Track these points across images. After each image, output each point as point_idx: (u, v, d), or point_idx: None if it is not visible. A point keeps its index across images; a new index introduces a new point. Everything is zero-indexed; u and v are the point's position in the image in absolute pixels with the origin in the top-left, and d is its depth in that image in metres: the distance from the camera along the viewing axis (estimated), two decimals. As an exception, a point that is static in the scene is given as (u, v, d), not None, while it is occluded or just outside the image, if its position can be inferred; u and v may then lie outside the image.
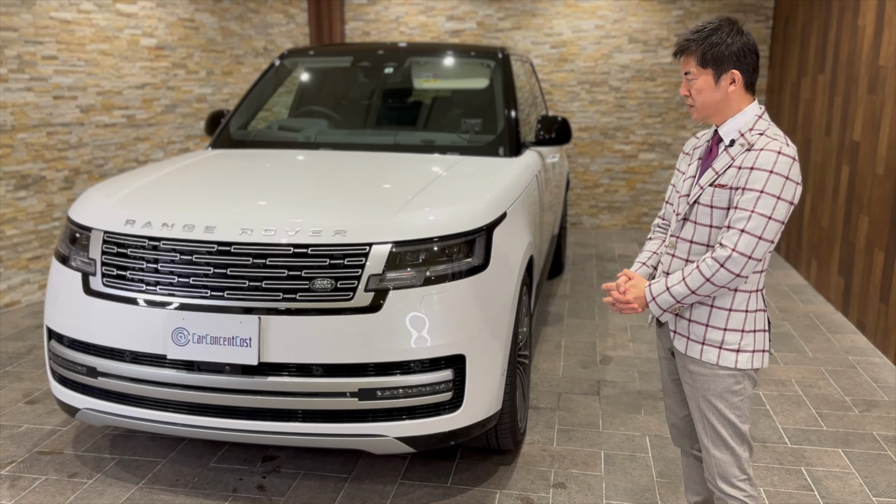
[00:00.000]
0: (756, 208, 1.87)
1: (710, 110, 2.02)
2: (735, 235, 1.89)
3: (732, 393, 2.05)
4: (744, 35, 1.98)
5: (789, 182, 1.87)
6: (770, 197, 1.86)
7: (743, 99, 1.99)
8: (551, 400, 3.68)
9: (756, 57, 1.99)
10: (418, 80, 4.49)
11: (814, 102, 5.76)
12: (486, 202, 2.88)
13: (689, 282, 1.95)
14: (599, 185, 7.74)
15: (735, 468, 2.07)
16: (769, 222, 1.87)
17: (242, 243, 2.58)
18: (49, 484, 2.92)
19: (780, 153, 1.88)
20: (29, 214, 5.06)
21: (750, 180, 1.89)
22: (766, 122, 1.98)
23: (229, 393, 2.57)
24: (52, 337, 2.88)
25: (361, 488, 2.90)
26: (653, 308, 2.04)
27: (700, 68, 1.99)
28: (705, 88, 1.99)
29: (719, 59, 1.96)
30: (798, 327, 4.73)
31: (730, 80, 1.97)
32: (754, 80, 2.01)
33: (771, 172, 1.86)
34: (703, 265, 1.93)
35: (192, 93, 6.33)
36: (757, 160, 1.89)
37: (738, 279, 1.90)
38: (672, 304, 2.00)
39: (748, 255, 1.88)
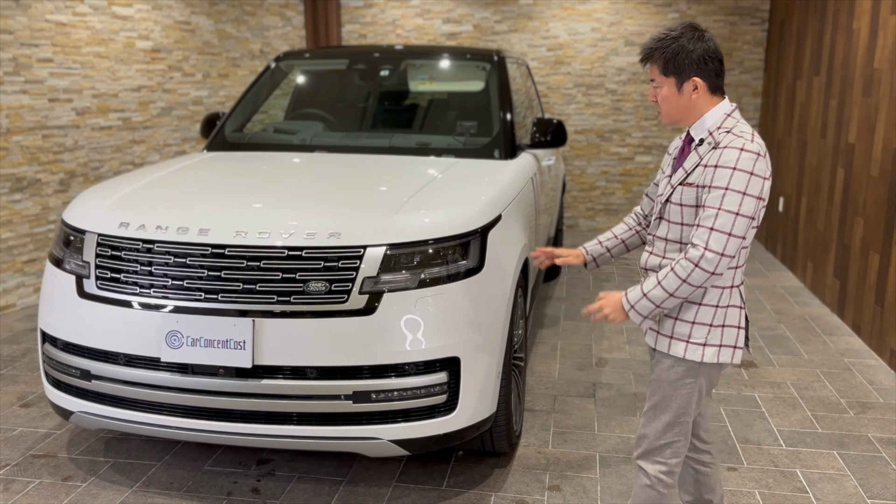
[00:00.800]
0: (722, 205, 1.89)
1: (676, 116, 2.06)
2: (705, 233, 1.91)
3: (684, 385, 2.07)
4: (705, 41, 1.99)
5: (754, 177, 1.89)
6: (735, 193, 1.88)
7: (709, 102, 2.02)
8: (547, 402, 3.68)
9: (719, 62, 2.01)
10: (414, 82, 4.49)
11: (809, 105, 5.78)
12: (480, 204, 2.88)
13: (666, 284, 1.96)
14: (596, 188, 7.75)
15: (659, 452, 2.11)
16: (737, 218, 1.89)
17: (236, 246, 2.58)
18: (43, 487, 2.91)
19: (742, 150, 1.90)
20: (24, 217, 5.06)
21: (715, 178, 1.91)
22: (735, 120, 2.00)
23: (223, 396, 2.57)
24: (46, 340, 2.87)
25: (356, 491, 2.89)
26: (633, 316, 2.04)
27: (663, 77, 2.03)
28: (670, 96, 2.03)
29: (680, 67, 1.99)
30: (793, 329, 4.74)
31: (692, 87, 2.00)
32: (719, 83, 2.03)
33: (734, 169, 1.89)
34: (677, 267, 1.94)
35: (188, 95, 6.33)
36: (721, 158, 1.92)
37: (713, 277, 1.92)
38: (651, 308, 2.00)
39: (720, 252, 1.89)
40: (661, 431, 2.11)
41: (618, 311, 2.06)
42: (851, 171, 4.81)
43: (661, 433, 2.11)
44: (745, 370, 4.09)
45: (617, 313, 2.06)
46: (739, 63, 7.32)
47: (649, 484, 2.13)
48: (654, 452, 2.13)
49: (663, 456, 2.12)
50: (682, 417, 2.10)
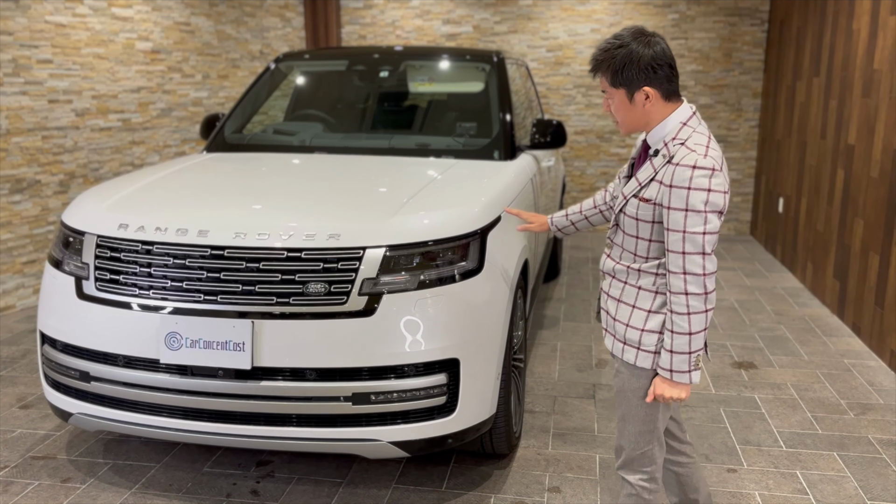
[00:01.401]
0: (687, 227, 1.85)
1: (632, 126, 2.00)
2: (679, 259, 1.87)
3: (645, 393, 2.04)
4: (652, 47, 1.92)
5: (712, 193, 1.84)
6: (696, 213, 1.84)
7: (664, 109, 1.95)
8: (546, 404, 3.68)
9: (669, 67, 1.93)
10: (413, 83, 4.49)
11: (809, 106, 5.78)
12: (480, 206, 2.88)
13: (679, 329, 1.90)
14: (596, 189, 7.74)
15: (636, 461, 2.10)
16: (705, 237, 1.85)
17: (236, 247, 2.58)
18: (42, 489, 2.91)
19: (695, 167, 1.84)
20: (24, 218, 5.05)
21: (672, 199, 1.86)
22: (690, 129, 1.93)
23: (223, 397, 2.56)
24: (46, 341, 2.87)
25: (356, 493, 2.89)
26: (682, 378, 1.92)
27: (613, 88, 1.96)
28: (622, 107, 1.97)
29: (628, 78, 1.92)
30: (793, 330, 4.73)
31: (643, 96, 1.93)
32: (673, 88, 1.95)
33: (689, 189, 1.84)
34: (674, 306, 1.90)
35: (187, 96, 6.32)
36: (674, 177, 1.86)
37: (710, 296, 1.88)
38: (687, 358, 1.91)
39: (701, 273, 1.86)
40: (634, 441, 2.09)
41: (670, 387, 1.95)
42: (851, 172, 4.80)
43: (635, 443, 2.09)
44: (744, 371, 4.09)
45: (672, 389, 1.95)
46: (739, 64, 7.32)
47: (634, 493, 2.12)
48: (633, 462, 2.11)
49: (641, 465, 2.10)
50: (650, 425, 2.07)
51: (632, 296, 2.03)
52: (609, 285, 2.11)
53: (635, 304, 2.02)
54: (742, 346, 4.48)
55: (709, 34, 7.31)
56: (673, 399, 1.95)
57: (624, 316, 2.04)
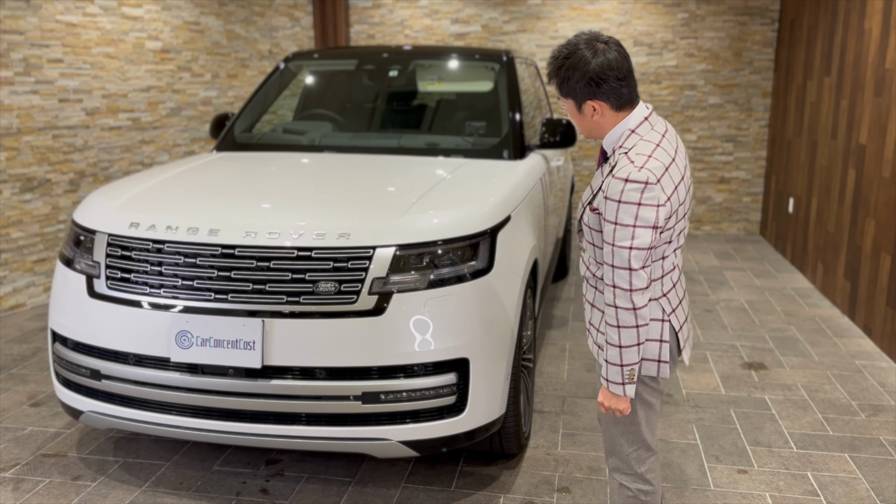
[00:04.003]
0: (615, 241, 1.81)
1: (587, 133, 1.97)
2: (609, 272, 1.84)
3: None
4: (600, 56, 1.82)
5: (643, 207, 1.78)
6: (624, 227, 1.79)
7: (616, 118, 1.89)
8: (556, 404, 3.67)
9: (617, 79, 1.83)
10: (423, 83, 4.49)
11: (820, 105, 5.74)
12: (490, 205, 2.88)
13: (611, 340, 1.88)
14: (604, 189, 7.72)
15: (627, 465, 2.08)
16: (631, 252, 1.79)
17: (246, 246, 2.58)
18: (53, 487, 2.92)
19: (627, 180, 1.78)
20: (34, 217, 5.08)
21: (606, 211, 1.82)
22: (638, 137, 1.87)
23: (233, 396, 2.57)
24: (56, 339, 2.88)
25: (365, 492, 2.89)
26: (617, 390, 1.91)
27: (562, 98, 1.93)
28: (573, 116, 1.95)
29: (573, 91, 1.87)
30: (804, 331, 4.71)
31: (591, 109, 1.88)
32: (624, 98, 1.87)
33: (619, 202, 1.79)
34: (607, 317, 1.88)
35: (197, 96, 6.34)
36: (609, 188, 1.81)
37: (641, 311, 1.83)
38: (619, 369, 1.89)
39: (627, 288, 1.82)
40: (617, 443, 2.08)
41: (611, 399, 1.94)
42: (862, 172, 4.77)
43: (619, 445, 2.08)
44: (755, 372, 4.07)
45: (612, 401, 1.94)
46: (749, 63, 7.29)
47: (631, 495, 2.10)
48: (624, 466, 2.10)
49: (629, 467, 2.09)
50: (632, 427, 2.05)
51: (602, 301, 2.01)
52: (585, 288, 2.12)
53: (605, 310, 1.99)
54: (752, 346, 4.46)
55: (719, 33, 7.28)
56: (613, 410, 1.94)
57: (596, 321, 2.05)
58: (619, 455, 2.09)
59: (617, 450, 2.09)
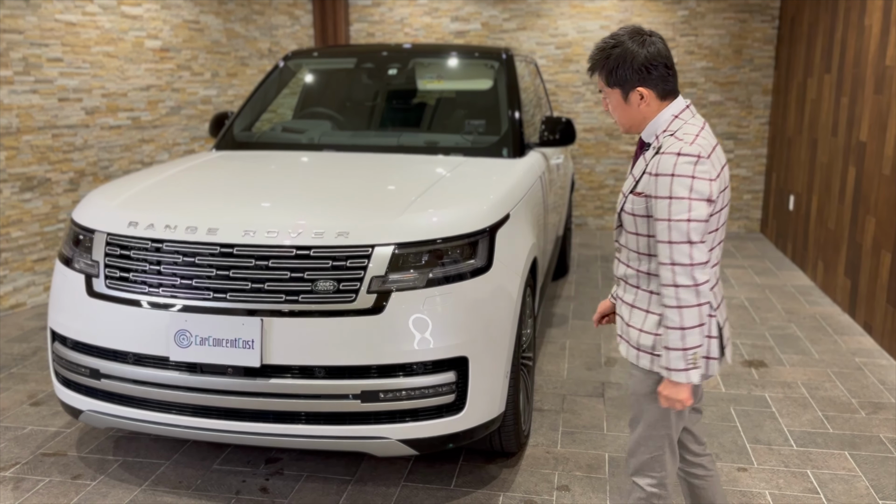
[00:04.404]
0: (672, 215, 1.81)
1: (629, 125, 2.00)
2: (666, 249, 1.83)
3: (657, 397, 1.98)
4: (647, 46, 1.90)
5: (697, 180, 1.81)
6: (680, 201, 1.81)
7: (660, 108, 1.95)
8: (555, 402, 3.67)
9: (665, 67, 1.91)
10: (422, 81, 4.48)
11: (820, 103, 5.74)
12: (488, 203, 2.88)
13: (671, 323, 1.84)
14: (605, 186, 7.72)
15: (646, 466, 2.06)
16: (690, 224, 1.80)
17: (245, 245, 2.58)
18: (53, 486, 2.92)
19: (679, 154, 1.82)
20: (34, 216, 5.08)
21: (658, 187, 1.84)
22: (681, 122, 1.92)
23: (232, 395, 2.57)
24: (56, 339, 2.88)
25: (364, 491, 2.89)
26: (681, 378, 1.85)
27: (608, 88, 1.97)
28: (618, 107, 1.98)
29: (623, 78, 1.92)
30: (804, 329, 4.70)
31: (638, 96, 1.93)
32: (669, 87, 1.94)
33: (673, 176, 1.81)
34: (665, 300, 1.85)
35: (196, 95, 6.34)
36: (659, 165, 1.84)
37: (702, 288, 1.81)
38: (682, 354, 1.84)
39: (688, 262, 1.81)
40: (644, 445, 2.05)
41: (671, 388, 1.88)
42: (863, 170, 4.77)
43: (645, 447, 2.05)
44: (755, 370, 4.07)
45: (672, 389, 1.88)
46: (749, 60, 7.28)
47: (643, 497, 2.08)
48: (643, 467, 2.07)
49: (651, 469, 2.06)
50: (660, 430, 2.02)
51: (644, 300, 1.99)
52: (623, 290, 2.07)
53: (649, 309, 1.98)
54: (752, 344, 4.45)
55: (719, 31, 7.27)
56: (674, 401, 1.88)
57: (638, 321, 2.00)
58: (641, 456, 2.06)
59: (641, 451, 2.06)
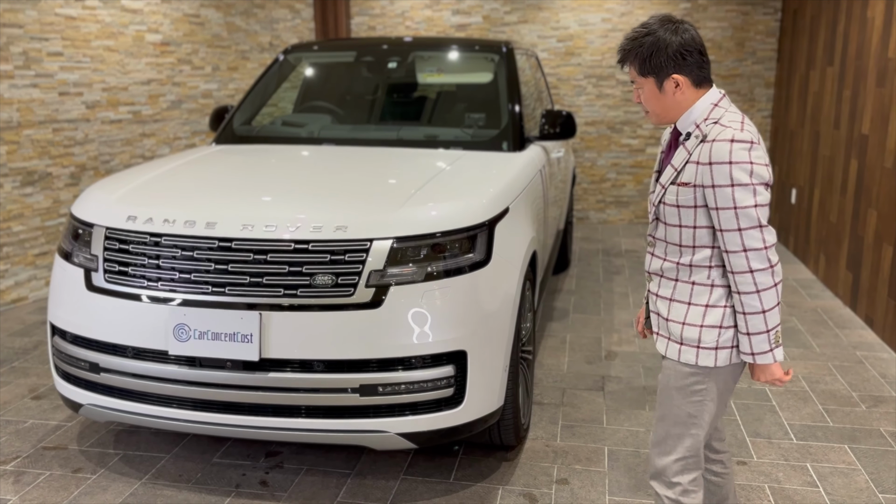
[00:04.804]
0: (737, 203, 1.81)
1: (663, 116, 1.97)
2: (736, 237, 1.83)
3: (694, 392, 1.97)
4: (681, 34, 1.89)
5: (755, 166, 1.81)
6: (743, 187, 1.80)
7: (695, 96, 1.92)
8: (555, 396, 3.67)
9: (699, 53, 1.90)
10: (422, 74, 4.47)
11: (822, 95, 5.71)
12: (488, 197, 2.87)
13: (750, 308, 1.85)
14: (606, 180, 7.71)
15: (671, 470, 2.00)
16: (757, 209, 1.81)
17: (243, 239, 2.58)
18: (53, 479, 2.93)
19: (733, 141, 1.81)
20: (35, 211, 5.08)
21: (715, 177, 1.82)
22: (722, 110, 1.90)
23: (231, 389, 2.57)
24: (56, 333, 2.89)
25: (364, 484, 2.90)
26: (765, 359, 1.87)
27: (642, 77, 1.94)
28: (652, 97, 1.95)
29: (657, 66, 1.89)
30: (805, 322, 4.70)
31: (673, 84, 1.91)
32: (704, 74, 1.93)
33: (731, 163, 1.80)
34: (740, 287, 1.85)
35: (197, 89, 6.33)
36: (712, 154, 1.82)
37: (775, 268, 1.83)
38: (766, 336, 1.86)
39: (762, 246, 1.82)
40: (673, 449, 1.99)
41: (765, 372, 1.91)
42: (865, 163, 4.75)
43: (673, 450, 1.99)
44: (755, 363, 4.06)
45: (767, 373, 1.91)
46: (752, 53, 7.25)
47: (672, 499, 2.00)
48: (667, 471, 2.01)
49: (677, 474, 2.00)
50: (692, 429, 1.98)
51: (686, 293, 1.95)
52: (658, 285, 2.03)
53: (691, 301, 1.94)
54: (753, 338, 4.44)
55: (721, 23, 7.23)
56: (770, 382, 1.91)
57: (679, 315, 1.96)
58: (664, 458, 2.01)
59: (667, 449, 2.01)
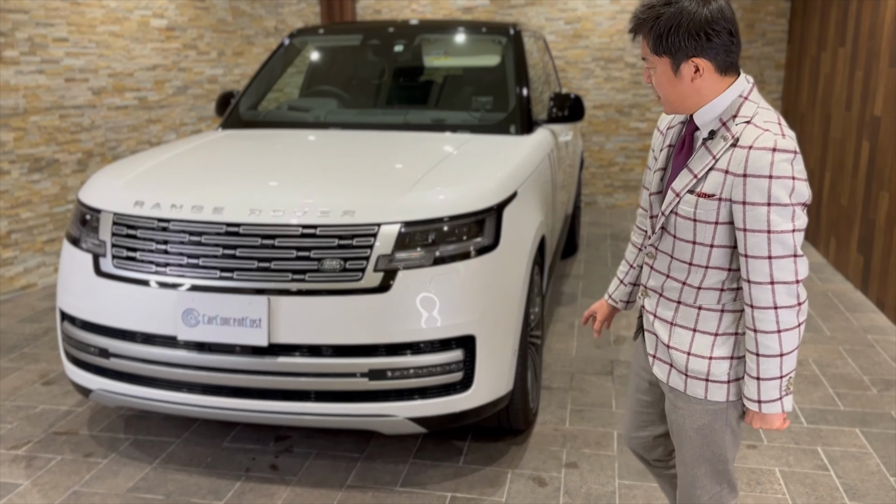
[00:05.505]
0: (772, 226, 1.51)
1: (677, 104, 1.63)
2: (764, 266, 1.54)
3: (713, 430, 1.73)
4: (709, 5, 1.54)
5: (797, 181, 1.51)
6: (782, 207, 1.50)
7: (718, 85, 1.58)
8: (564, 380, 3.66)
9: (729, 34, 1.55)
10: (429, 57, 4.44)
11: (834, 77, 5.64)
12: (496, 181, 2.85)
13: (766, 350, 1.57)
14: (615, 164, 7.66)
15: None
16: (794, 234, 1.52)
17: (251, 224, 2.57)
18: (65, 464, 2.95)
19: (775, 150, 1.49)
20: (43, 197, 5.09)
21: (749, 192, 1.51)
22: (754, 105, 1.58)
23: (240, 373, 2.58)
24: (65, 319, 2.90)
25: (373, 468, 2.90)
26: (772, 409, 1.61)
27: (655, 56, 1.58)
28: (665, 81, 1.60)
29: (675, 45, 1.54)
30: (816, 306, 4.67)
31: (692, 69, 1.56)
32: (731, 59, 1.57)
33: (771, 178, 1.49)
34: (758, 324, 1.57)
35: (203, 74, 6.31)
36: (748, 164, 1.50)
37: (803, 305, 1.57)
38: (779, 384, 1.60)
39: (793, 280, 1.54)
40: (703, 486, 1.78)
41: (764, 420, 1.65)
42: (877, 145, 4.69)
43: (703, 488, 1.78)
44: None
45: (766, 422, 1.64)
46: (762, 35, 7.16)
47: None
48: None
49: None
50: (720, 465, 1.76)
51: (690, 318, 1.69)
52: (656, 304, 1.76)
53: (696, 328, 1.68)
54: (763, 321, 4.42)
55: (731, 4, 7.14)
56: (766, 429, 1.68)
57: (682, 343, 1.70)
58: (697, 499, 1.80)
59: (697, 492, 1.80)
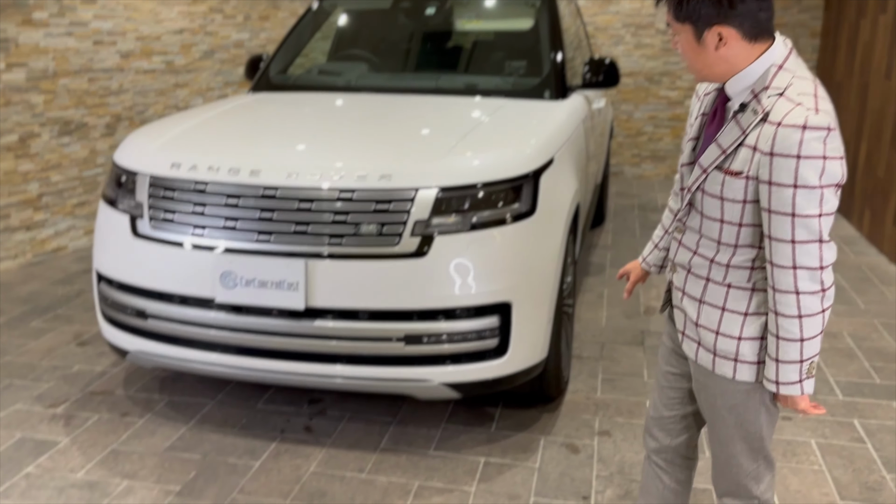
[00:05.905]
0: (797, 210, 1.44)
1: (705, 73, 1.54)
2: (787, 249, 1.47)
3: (747, 409, 1.67)
4: None
5: (829, 161, 1.42)
6: (809, 190, 1.42)
7: (748, 53, 1.48)
8: (594, 350, 3.65)
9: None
10: (460, 21, 4.36)
11: (873, 45, 5.48)
12: (532, 147, 2.81)
13: (787, 334, 1.52)
14: (643, 134, 7.54)
15: (744, 488, 1.74)
16: (821, 220, 1.45)
17: (288, 187, 2.56)
18: (102, 423, 3.00)
19: (805, 127, 1.40)
20: (73, 161, 5.11)
21: (775, 172, 1.43)
22: (789, 74, 1.47)
23: (276, 336, 2.59)
24: (102, 280, 2.92)
25: (406, 432, 2.92)
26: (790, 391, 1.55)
27: (678, 23, 1.49)
28: (689, 50, 1.51)
29: (695, 12, 1.44)
30: (850, 279, 4.60)
31: (716, 37, 1.46)
32: (763, 22, 1.45)
33: (799, 157, 1.41)
34: (780, 307, 1.51)
35: (229, 38, 6.26)
36: (776, 142, 1.42)
37: (827, 291, 1.51)
38: (798, 367, 1.54)
39: (817, 266, 1.47)
40: (738, 463, 1.71)
41: (786, 399, 1.59)
42: (918, 115, 4.57)
43: (739, 465, 1.72)
44: (798, 320, 3.99)
45: (789, 401, 1.59)
46: (798, 1, 6.97)
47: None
48: (739, 489, 1.74)
49: (748, 490, 1.73)
50: (756, 443, 1.69)
51: (719, 296, 1.62)
52: (684, 280, 1.69)
53: (725, 307, 1.62)
54: (795, 294, 4.36)
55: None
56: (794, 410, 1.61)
57: (711, 321, 1.64)
58: (734, 476, 1.74)
59: (733, 470, 1.73)
